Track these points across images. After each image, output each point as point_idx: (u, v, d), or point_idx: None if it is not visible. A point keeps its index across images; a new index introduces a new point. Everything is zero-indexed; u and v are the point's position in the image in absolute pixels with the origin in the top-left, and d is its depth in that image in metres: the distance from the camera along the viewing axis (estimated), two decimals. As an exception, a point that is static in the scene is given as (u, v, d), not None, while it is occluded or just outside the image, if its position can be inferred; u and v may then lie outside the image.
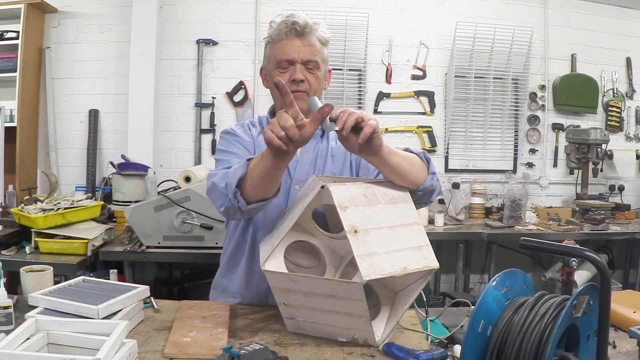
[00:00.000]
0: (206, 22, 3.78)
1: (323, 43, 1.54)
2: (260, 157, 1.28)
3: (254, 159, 1.32)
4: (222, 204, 1.37)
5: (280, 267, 1.26)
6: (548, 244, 1.02)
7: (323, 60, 1.55)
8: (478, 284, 3.96)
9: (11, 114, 3.40)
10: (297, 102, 1.45)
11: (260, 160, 1.28)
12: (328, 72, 1.62)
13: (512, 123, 4.05)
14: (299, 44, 1.50)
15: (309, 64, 1.51)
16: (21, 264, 1.71)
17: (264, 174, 1.28)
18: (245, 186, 1.33)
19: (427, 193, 1.43)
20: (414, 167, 1.38)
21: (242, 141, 1.60)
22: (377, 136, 1.25)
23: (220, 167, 1.49)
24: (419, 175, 1.38)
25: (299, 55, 1.50)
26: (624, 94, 4.13)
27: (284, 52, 1.50)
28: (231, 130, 1.64)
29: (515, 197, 3.50)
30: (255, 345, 1.14)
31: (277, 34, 1.51)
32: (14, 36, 3.44)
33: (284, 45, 1.50)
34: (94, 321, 1.21)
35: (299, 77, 1.49)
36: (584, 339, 1.04)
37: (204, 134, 3.83)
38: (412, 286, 1.29)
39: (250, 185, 1.32)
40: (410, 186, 1.37)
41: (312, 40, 1.51)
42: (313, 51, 1.51)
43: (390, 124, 3.94)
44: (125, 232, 2.89)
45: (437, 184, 1.46)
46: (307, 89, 1.52)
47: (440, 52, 3.94)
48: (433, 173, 1.43)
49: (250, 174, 1.31)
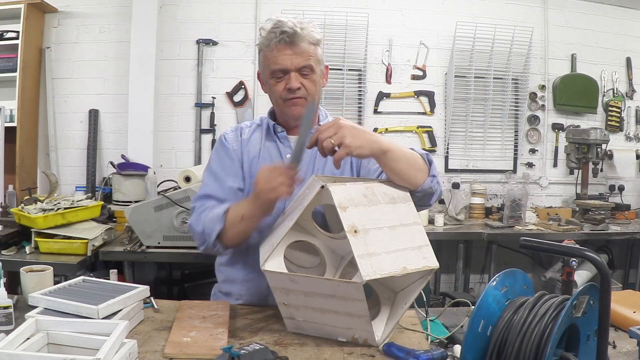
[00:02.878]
0: (206, 22, 3.78)
1: (315, 44, 1.53)
2: (243, 211, 1.40)
3: (234, 211, 1.43)
4: (201, 245, 1.51)
5: (280, 267, 1.26)
6: (548, 244, 1.02)
7: (317, 61, 1.54)
8: (478, 284, 3.96)
9: (11, 114, 3.39)
10: (296, 108, 1.54)
11: (244, 214, 1.40)
12: (325, 68, 1.61)
13: (512, 123, 4.04)
14: (290, 52, 1.49)
15: (303, 69, 1.51)
16: (21, 264, 1.71)
17: (248, 228, 1.42)
18: (225, 235, 1.45)
19: (427, 195, 1.44)
20: (413, 167, 1.38)
21: (230, 155, 1.62)
22: (356, 153, 1.28)
23: (201, 197, 1.57)
24: (418, 176, 1.38)
25: (291, 64, 1.49)
26: (624, 94, 4.13)
27: (277, 62, 1.50)
28: (223, 140, 1.66)
29: (515, 197, 3.50)
30: (255, 345, 1.14)
31: (267, 44, 1.50)
32: (14, 36, 3.44)
33: (276, 56, 1.50)
34: (94, 321, 1.21)
35: (295, 86, 1.50)
36: (584, 339, 1.04)
37: (204, 134, 3.83)
38: (412, 286, 1.29)
39: (230, 235, 1.45)
40: (409, 186, 1.37)
41: (303, 45, 1.49)
42: (306, 57, 1.50)
43: (390, 124, 3.94)
44: (125, 232, 2.88)
45: (438, 187, 1.46)
46: (305, 95, 1.52)
47: (440, 52, 3.94)
48: (433, 175, 1.43)
49: (231, 227, 1.44)
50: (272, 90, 1.55)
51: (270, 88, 1.55)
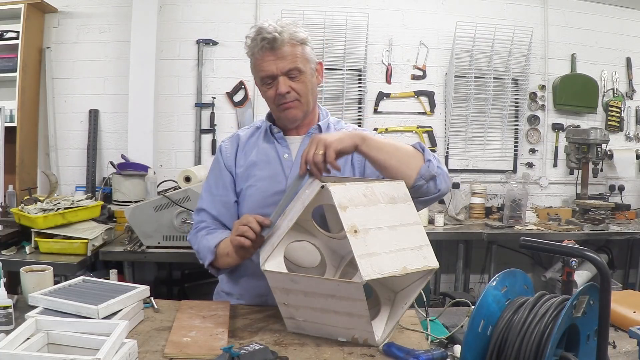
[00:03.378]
0: (206, 22, 3.78)
1: (300, 43, 1.51)
2: (228, 249, 1.47)
3: (224, 246, 1.51)
4: (199, 260, 1.63)
5: (280, 267, 1.26)
6: (548, 244, 1.02)
7: (305, 60, 1.52)
8: (478, 284, 3.96)
9: (11, 114, 3.40)
10: (290, 112, 1.55)
11: (229, 252, 1.47)
12: (318, 65, 1.60)
13: (512, 123, 4.05)
14: (273, 57, 1.48)
15: (290, 72, 1.50)
16: (21, 264, 1.70)
17: (236, 262, 1.49)
18: (217, 263, 1.56)
19: (430, 180, 1.41)
20: (401, 153, 1.39)
21: (222, 169, 1.66)
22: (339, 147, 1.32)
23: (198, 211, 1.69)
24: (410, 162, 1.38)
25: (277, 68, 1.49)
26: (624, 94, 4.13)
27: (262, 68, 1.50)
28: (218, 153, 1.70)
29: (515, 197, 3.50)
30: (255, 345, 1.14)
31: (252, 52, 1.51)
32: (14, 36, 3.44)
33: (261, 63, 1.50)
34: (94, 321, 1.21)
35: (283, 91, 1.50)
36: (584, 339, 1.04)
37: (204, 134, 3.83)
38: (412, 286, 1.29)
39: (221, 263, 1.55)
40: (406, 178, 1.36)
41: (286, 49, 1.48)
42: (290, 59, 1.49)
43: (390, 124, 3.94)
44: (125, 232, 2.89)
45: (440, 170, 1.43)
46: (296, 97, 1.52)
47: (440, 52, 3.94)
48: (429, 160, 1.41)
49: (221, 258, 1.53)
50: (265, 96, 1.57)
51: (263, 94, 1.57)
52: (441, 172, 1.44)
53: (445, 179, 1.45)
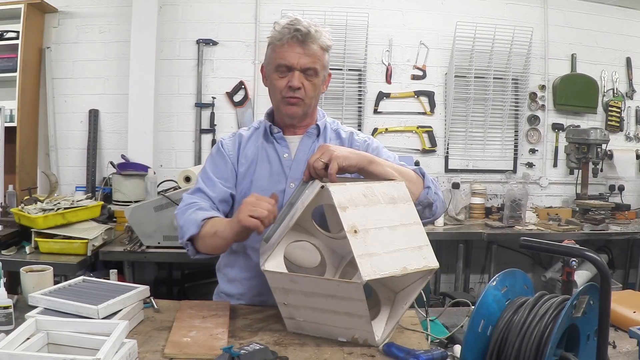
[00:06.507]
0: (206, 22, 3.78)
1: (324, 49, 1.54)
2: (218, 227, 1.41)
3: (212, 224, 1.44)
4: (179, 238, 1.53)
5: (280, 267, 1.26)
6: (548, 244, 1.02)
7: (323, 66, 1.55)
8: (478, 284, 3.96)
9: (11, 114, 3.40)
10: (292, 108, 1.56)
11: (217, 230, 1.41)
12: (328, 76, 1.62)
13: (512, 123, 4.05)
14: (300, 51, 1.49)
15: (307, 71, 1.51)
16: (21, 264, 1.71)
17: (219, 245, 1.44)
18: (197, 242, 1.48)
19: (426, 207, 1.47)
20: (403, 177, 1.41)
21: (224, 159, 1.63)
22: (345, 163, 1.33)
23: (193, 191, 1.60)
24: (411, 190, 1.40)
25: (298, 62, 1.50)
26: (624, 94, 4.13)
27: (284, 57, 1.50)
28: (220, 146, 1.67)
29: (515, 197, 3.50)
30: (255, 345, 1.14)
31: (279, 38, 1.51)
32: (14, 36, 3.44)
33: (285, 51, 1.50)
34: (94, 321, 1.21)
35: (296, 85, 1.50)
36: (584, 339, 1.04)
37: (204, 134, 3.82)
38: (412, 286, 1.29)
39: (201, 244, 1.47)
40: None
41: (314, 48, 1.50)
42: (313, 59, 1.51)
43: (390, 124, 3.94)
44: (125, 232, 2.89)
45: (437, 197, 1.50)
46: (303, 96, 1.53)
47: (440, 52, 3.94)
48: (428, 187, 1.47)
49: (203, 237, 1.45)
50: (273, 84, 1.56)
51: (272, 82, 1.56)
52: (438, 198, 1.50)
53: (441, 206, 1.53)
